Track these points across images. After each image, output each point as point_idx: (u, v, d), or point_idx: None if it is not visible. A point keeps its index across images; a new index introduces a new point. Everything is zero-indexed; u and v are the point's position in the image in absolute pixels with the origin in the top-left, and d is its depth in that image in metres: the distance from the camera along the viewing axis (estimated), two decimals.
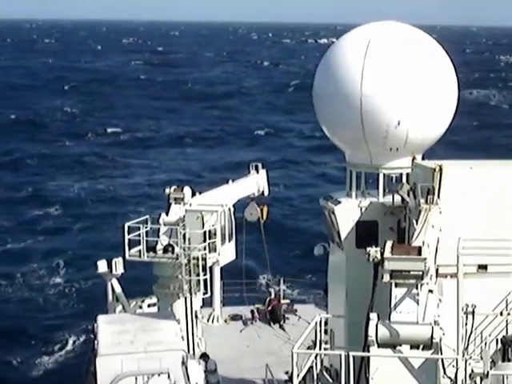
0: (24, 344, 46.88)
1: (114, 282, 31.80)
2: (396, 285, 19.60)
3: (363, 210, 24.73)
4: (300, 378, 20.05)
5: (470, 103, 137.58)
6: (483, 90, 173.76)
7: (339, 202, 25.04)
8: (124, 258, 30.16)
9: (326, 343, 23.57)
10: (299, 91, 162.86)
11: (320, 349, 22.16)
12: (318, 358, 21.76)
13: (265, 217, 35.28)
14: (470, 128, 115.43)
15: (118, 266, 31.29)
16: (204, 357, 28.27)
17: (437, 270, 20.73)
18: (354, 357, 19.20)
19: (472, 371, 19.92)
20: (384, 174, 25.13)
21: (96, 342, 26.02)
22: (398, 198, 24.11)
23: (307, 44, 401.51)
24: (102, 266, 31.53)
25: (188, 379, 24.29)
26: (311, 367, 21.57)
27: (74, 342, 45.60)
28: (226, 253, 30.41)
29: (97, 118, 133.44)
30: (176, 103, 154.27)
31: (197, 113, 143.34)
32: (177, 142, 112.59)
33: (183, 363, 24.33)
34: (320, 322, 21.93)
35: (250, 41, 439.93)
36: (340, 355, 19.22)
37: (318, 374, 21.73)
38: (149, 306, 34.69)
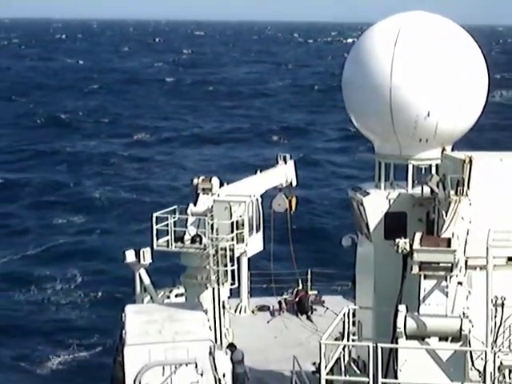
0: (52, 335, 47.34)
1: (142, 271, 31.84)
2: (425, 277, 19.46)
3: (392, 201, 24.61)
4: (328, 369, 20.01)
5: (494, 105, 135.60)
6: (508, 91, 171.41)
7: (368, 193, 24.93)
8: (152, 247, 30.25)
9: (353, 335, 23.50)
10: (324, 92, 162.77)
11: (348, 340, 22.10)
12: (346, 349, 21.71)
13: (293, 208, 35.24)
14: (491, 129, 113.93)
15: (146, 256, 31.32)
16: (231, 347, 28.29)
17: (466, 262, 20.58)
18: (382, 348, 19.12)
19: (501, 364, 19.83)
20: (413, 165, 24.99)
21: (124, 331, 26.10)
22: (427, 189, 23.98)
23: (333, 44, 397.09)
24: (130, 255, 31.59)
25: (215, 369, 24.35)
26: (339, 358, 21.52)
27: (102, 332, 45.84)
28: (254, 243, 30.44)
29: (124, 119, 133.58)
30: (201, 103, 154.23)
31: (221, 113, 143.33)
32: (202, 141, 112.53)
33: (211, 353, 24.38)
34: (348, 313, 21.88)
35: (276, 41, 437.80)
36: (368, 347, 19.15)
37: (345, 366, 21.67)
38: (176, 296, 34.76)
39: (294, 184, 35.62)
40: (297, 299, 37.17)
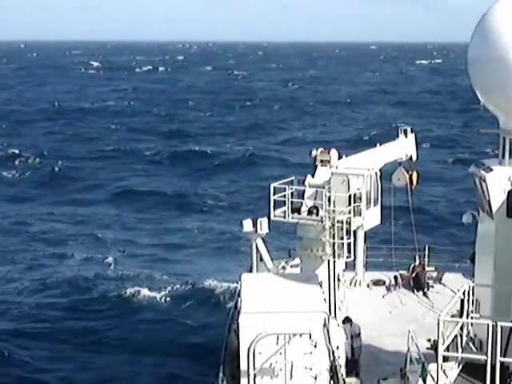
0: (171, 298, 48.33)
1: (259, 241, 31.99)
2: None
3: None
4: (445, 346, 19.74)
5: None
6: None
7: (491, 170, 24.29)
8: (269, 218, 30.37)
9: (471, 312, 23.06)
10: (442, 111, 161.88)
11: (467, 318, 21.73)
12: (465, 327, 21.35)
13: (414, 182, 34.76)
14: None
15: (263, 226, 31.43)
16: (347, 320, 28.22)
17: None
18: (501, 327, 18.72)
19: None
20: None
21: (239, 300, 26.35)
22: None
23: (442, 65, 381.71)
24: (247, 225, 31.78)
25: (329, 341, 24.31)
26: (455, 336, 21.17)
27: (219, 300, 46.46)
28: (371, 217, 30.16)
29: (258, 128, 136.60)
30: (323, 115, 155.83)
31: (343, 121, 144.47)
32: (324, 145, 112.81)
33: (325, 325, 24.34)
34: (468, 290, 21.50)
35: (385, 60, 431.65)
36: (488, 325, 18.78)
37: (462, 344, 21.34)
38: (292, 266, 34.89)
39: (415, 158, 35.10)
40: (413, 275, 36.72)
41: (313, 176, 30.18)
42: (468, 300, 21.80)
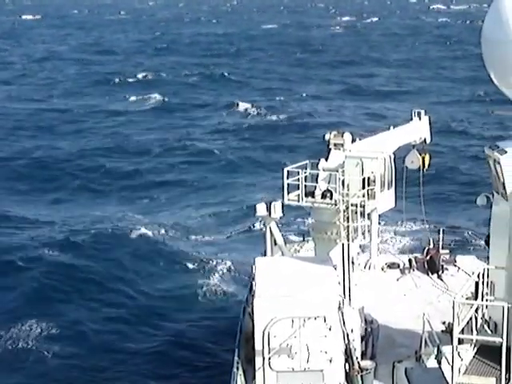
0: (186, 279, 48.53)
1: (273, 225, 31.97)
2: None
3: None
4: (460, 328, 19.74)
5: None
6: None
7: (505, 152, 24.17)
8: (283, 202, 30.34)
9: (486, 295, 23.00)
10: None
11: (482, 301, 21.69)
12: (480, 309, 21.32)
13: (426, 165, 34.65)
14: None
15: (277, 210, 31.40)
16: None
17: None
18: None
19: None
20: None
21: (254, 283, 26.38)
22: None
23: None
24: (261, 209, 31.73)
25: (344, 324, 24.35)
26: (470, 319, 21.14)
27: (232, 284, 46.51)
28: (385, 200, 30.08)
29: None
30: None
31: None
32: None
33: (339, 308, 24.38)
34: (483, 273, 21.46)
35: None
36: (503, 307, 18.76)
37: (477, 327, 21.32)
38: (306, 250, 34.83)
39: (428, 141, 34.96)
40: (427, 258, 36.65)
41: (326, 159, 30.12)
42: (483, 282, 21.75)
